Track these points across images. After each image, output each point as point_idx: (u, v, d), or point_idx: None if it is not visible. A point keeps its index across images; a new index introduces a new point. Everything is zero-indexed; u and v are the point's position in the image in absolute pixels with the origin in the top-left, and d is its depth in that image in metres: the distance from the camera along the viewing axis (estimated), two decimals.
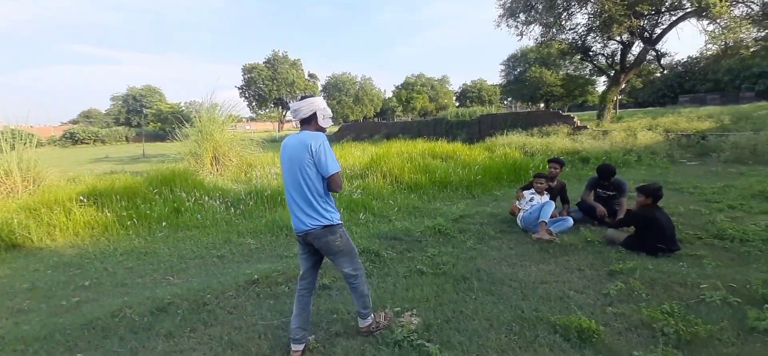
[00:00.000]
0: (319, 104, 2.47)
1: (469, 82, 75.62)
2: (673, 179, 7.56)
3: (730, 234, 4.17)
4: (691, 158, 10.01)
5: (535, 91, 45.78)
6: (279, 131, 50.85)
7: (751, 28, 13.28)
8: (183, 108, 56.54)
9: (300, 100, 2.48)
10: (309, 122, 2.48)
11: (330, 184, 2.41)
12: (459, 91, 77.29)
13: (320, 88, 69.28)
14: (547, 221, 4.54)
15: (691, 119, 14.01)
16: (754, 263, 3.50)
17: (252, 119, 69.26)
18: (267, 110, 64.24)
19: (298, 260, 2.67)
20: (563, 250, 4.16)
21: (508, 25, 18.04)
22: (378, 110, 77.85)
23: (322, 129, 2.51)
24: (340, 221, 2.51)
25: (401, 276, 3.72)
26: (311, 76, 65.74)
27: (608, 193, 5.01)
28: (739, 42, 13.48)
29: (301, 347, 2.58)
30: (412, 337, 2.60)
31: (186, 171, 8.28)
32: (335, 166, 2.37)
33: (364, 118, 74.09)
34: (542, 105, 48.24)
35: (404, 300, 3.22)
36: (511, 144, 12.66)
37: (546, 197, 4.95)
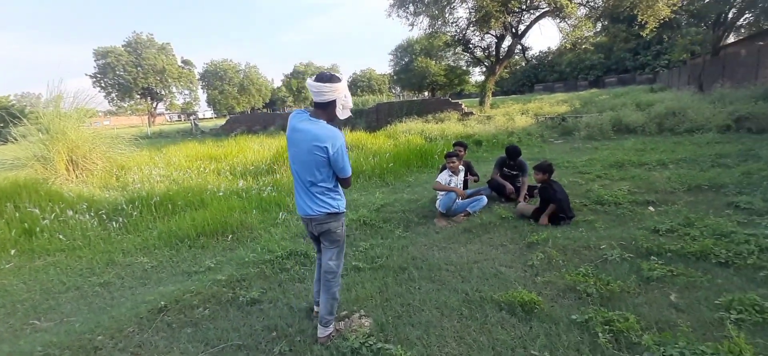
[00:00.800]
0: (341, 92, 2.26)
1: (358, 72, 76.73)
2: (548, 156, 8.75)
3: (606, 200, 4.95)
4: (557, 137, 11.80)
5: (421, 80, 48.76)
6: (150, 126, 44.29)
7: (591, 27, 16.18)
8: (13, 101, 44.98)
9: (323, 81, 2.21)
10: (324, 108, 2.27)
11: (342, 182, 2.40)
12: (349, 80, 77.95)
13: (198, 75, 62.51)
14: (444, 211, 4.84)
15: (552, 103, 16.52)
16: (630, 222, 4.21)
17: (112, 113, 59.17)
18: (132, 102, 55.34)
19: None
20: (484, 228, 4.42)
21: (398, 15, 18.66)
22: (267, 101, 73.98)
23: (335, 118, 2.31)
24: (344, 209, 2.47)
25: None
26: (185, 62, 58.73)
27: (513, 172, 5.52)
28: (583, 38, 16.34)
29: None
30: (369, 342, 2.43)
31: (34, 181, 6.54)
32: (349, 168, 2.36)
33: (253, 109, 69.65)
34: (427, 93, 51.73)
35: (348, 301, 3.01)
36: (411, 131, 13.18)
37: (461, 177, 5.19)
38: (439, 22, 17.50)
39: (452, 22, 18.29)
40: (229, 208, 5.40)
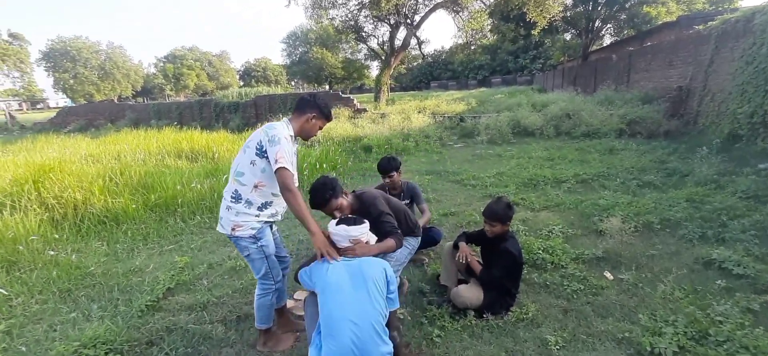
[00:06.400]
0: None
1: (252, 61, 70.34)
2: (450, 167, 7.08)
3: (541, 257, 3.19)
4: (457, 140, 10.43)
5: (319, 72, 45.87)
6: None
7: (486, 19, 15.50)
8: None
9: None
10: None
11: None
12: (242, 69, 71.00)
13: (35, 56, 49.89)
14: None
15: (448, 101, 15.45)
16: (596, 320, 2.41)
17: None
18: None
19: None
20: None
21: None
22: (139, 88, 63.10)
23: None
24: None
25: None
26: (14, 37, 46.04)
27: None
28: (478, 31, 15.60)
29: None
30: None
31: None
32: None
33: (120, 97, 58.55)
34: (327, 86, 49.06)
35: None
36: None
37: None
38: (325, 2, 15.07)
39: (341, 4, 16.02)
40: None
